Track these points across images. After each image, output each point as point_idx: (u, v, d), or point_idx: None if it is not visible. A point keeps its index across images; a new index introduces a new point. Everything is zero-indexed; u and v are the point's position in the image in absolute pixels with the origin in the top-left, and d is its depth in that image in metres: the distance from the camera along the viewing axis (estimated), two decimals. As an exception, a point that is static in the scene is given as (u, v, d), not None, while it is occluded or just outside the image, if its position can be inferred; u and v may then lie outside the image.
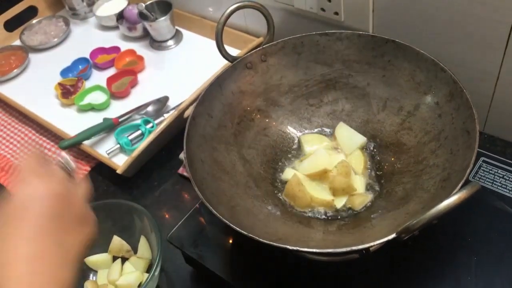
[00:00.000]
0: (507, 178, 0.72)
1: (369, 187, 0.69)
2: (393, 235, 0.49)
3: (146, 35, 1.18)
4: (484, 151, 0.77)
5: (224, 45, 0.73)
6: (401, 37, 0.69)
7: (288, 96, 0.76)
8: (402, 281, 0.63)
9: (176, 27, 1.17)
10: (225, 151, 0.70)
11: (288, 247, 0.51)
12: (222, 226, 0.70)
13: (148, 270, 0.74)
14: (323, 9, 0.87)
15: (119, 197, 0.90)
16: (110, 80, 1.07)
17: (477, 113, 0.59)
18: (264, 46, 0.74)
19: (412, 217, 0.58)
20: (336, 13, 0.86)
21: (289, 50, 0.74)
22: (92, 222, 0.53)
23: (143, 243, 0.75)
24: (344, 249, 0.51)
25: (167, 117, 0.93)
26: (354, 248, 0.50)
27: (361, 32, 0.72)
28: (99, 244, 0.76)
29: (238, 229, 0.54)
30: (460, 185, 0.53)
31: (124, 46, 1.17)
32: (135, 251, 0.76)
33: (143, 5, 1.08)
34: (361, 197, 0.67)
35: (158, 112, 1.00)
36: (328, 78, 0.75)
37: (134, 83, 1.07)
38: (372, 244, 0.50)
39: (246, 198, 0.66)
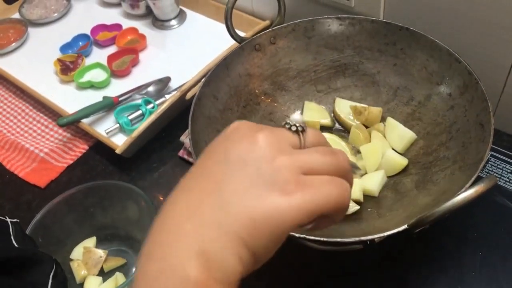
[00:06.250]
0: (515, 174, 0.71)
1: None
2: (404, 227, 0.48)
3: (149, 14, 1.15)
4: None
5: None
6: (412, 25, 0.68)
7: (296, 81, 0.74)
8: (404, 274, 0.62)
9: (180, 7, 1.14)
10: (230, 134, 0.68)
11: (294, 234, 0.50)
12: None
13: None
14: (333, -6, 0.85)
15: (117, 177, 0.88)
16: (111, 58, 1.05)
17: (491, 106, 0.58)
18: (273, 28, 0.72)
19: (421, 209, 0.57)
20: (347, -2, 0.84)
21: (299, 33, 0.72)
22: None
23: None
24: (352, 239, 0.50)
25: (169, 98, 0.91)
26: (362, 238, 0.49)
27: (374, 18, 0.70)
28: (92, 224, 0.75)
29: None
30: (473, 178, 0.52)
31: (126, 23, 1.14)
32: (131, 234, 0.74)
33: (148, -18, 1.05)
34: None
35: (160, 93, 0.98)
36: (338, 64, 0.73)
37: (135, 62, 1.05)
38: (382, 235, 0.49)
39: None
